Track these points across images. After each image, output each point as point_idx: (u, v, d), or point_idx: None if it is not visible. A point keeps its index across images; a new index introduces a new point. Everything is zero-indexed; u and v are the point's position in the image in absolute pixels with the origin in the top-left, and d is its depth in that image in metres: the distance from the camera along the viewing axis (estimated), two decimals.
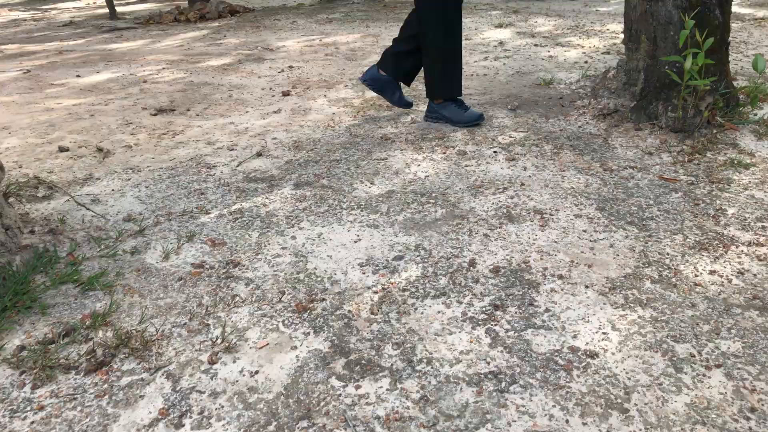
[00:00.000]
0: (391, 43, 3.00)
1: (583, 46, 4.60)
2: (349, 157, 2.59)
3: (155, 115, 3.34)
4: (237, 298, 1.63)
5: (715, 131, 2.60)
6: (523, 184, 2.26)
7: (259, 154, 2.70)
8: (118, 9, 8.37)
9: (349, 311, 1.55)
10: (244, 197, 2.25)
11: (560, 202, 2.11)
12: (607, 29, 5.26)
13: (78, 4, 10.15)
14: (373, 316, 1.52)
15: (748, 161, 2.36)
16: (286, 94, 3.62)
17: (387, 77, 2.97)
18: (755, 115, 2.78)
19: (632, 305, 1.54)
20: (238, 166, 2.57)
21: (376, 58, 4.52)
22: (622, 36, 5.05)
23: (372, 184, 2.33)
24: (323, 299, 1.61)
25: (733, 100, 2.81)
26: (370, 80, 3.00)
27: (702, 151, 2.46)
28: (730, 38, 2.79)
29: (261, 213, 2.12)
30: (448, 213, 2.07)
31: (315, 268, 1.76)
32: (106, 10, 7.56)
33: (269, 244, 1.91)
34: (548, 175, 2.33)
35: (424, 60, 2.86)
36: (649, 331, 1.43)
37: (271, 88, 3.78)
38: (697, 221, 1.95)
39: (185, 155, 2.71)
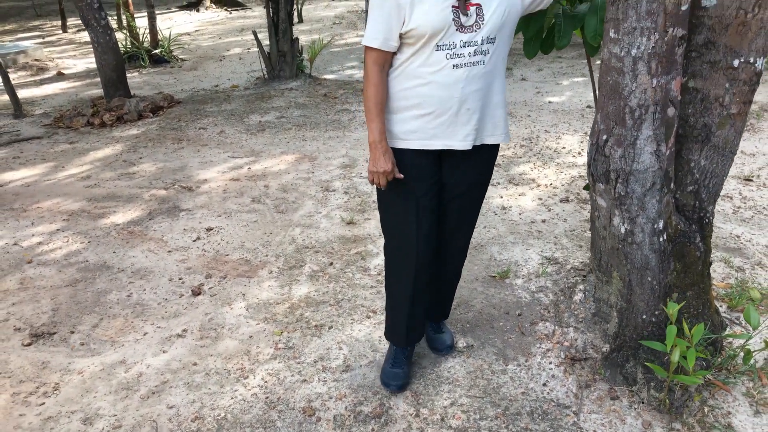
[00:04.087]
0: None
1: (539, 185, 4.17)
2: None
3: (28, 345, 2.69)
4: None
5: (705, 406, 2.17)
6: None
7: None
8: (28, 93, 7.52)
9: None
10: None
11: None
12: (563, 148, 4.87)
13: None
14: None
15: None
16: (196, 293, 3.03)
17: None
18: (746, 355, 2.36)
19: None
20: None
21: (311, 206, 3.96)
22: (580, 163, 4.59)
23: None
24: None
25: (718, 336, 2.39)
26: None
27: None
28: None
29: None
30: None
31: None
32: (7, 98, 6.37)
33: None
34: None
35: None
36: None
37: (180, 279, 3.17)
38: None
39: None
